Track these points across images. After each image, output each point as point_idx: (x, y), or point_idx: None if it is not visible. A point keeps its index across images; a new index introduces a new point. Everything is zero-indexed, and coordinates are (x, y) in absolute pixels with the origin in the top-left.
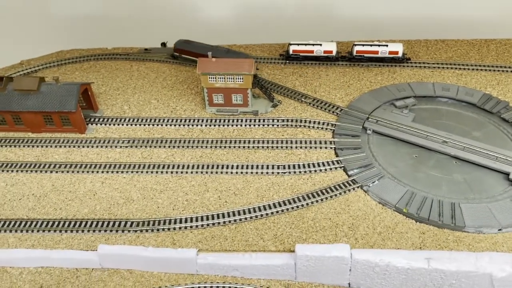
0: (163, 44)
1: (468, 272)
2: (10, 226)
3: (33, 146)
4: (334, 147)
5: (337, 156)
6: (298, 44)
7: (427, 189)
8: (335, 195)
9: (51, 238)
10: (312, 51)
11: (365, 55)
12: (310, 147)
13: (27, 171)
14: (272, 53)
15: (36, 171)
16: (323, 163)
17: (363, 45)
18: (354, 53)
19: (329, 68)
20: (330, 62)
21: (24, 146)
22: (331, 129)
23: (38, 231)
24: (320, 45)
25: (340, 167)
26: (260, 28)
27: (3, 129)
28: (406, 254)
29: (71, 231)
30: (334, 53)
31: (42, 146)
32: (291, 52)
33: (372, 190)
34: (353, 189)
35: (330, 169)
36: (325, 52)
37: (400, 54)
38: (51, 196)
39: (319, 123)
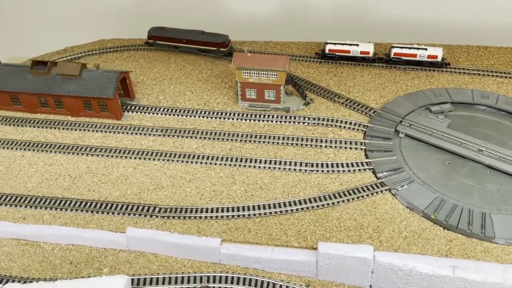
0: None
1: (494, 283)
2: (46, 204)
3: (71, 129)
4: (365, 149)
5: (366, 157)
6: (334, 44)
7: (457, 197)
8: (362, 196)
9: (83, 217)
10: (348, 51)
11: (403, 57)
12: (340, 147)
13: (64, 152)
14: (308, 51)
15: (73, 153)
16: (352, 164)
17: (401, 47)
18: (392, 55)
19: (364, 69)
20: (366, 63)
21: (63, 128)
22: (362, 130)
23: (71, 210)
24: (357, 45)
25: (369, 169)
26: (297, 26)
27: (45, 111)
28: (431, 260)
29: (102, 212)
30: (371, 54)
31: (80, 130)
32: (327, 51)
33: (400, 194)
34: (381, 191)
35: (359, 170)
36: (361, 52)
37: (439, 59)
38: (86, 178)
39: (350, 123)
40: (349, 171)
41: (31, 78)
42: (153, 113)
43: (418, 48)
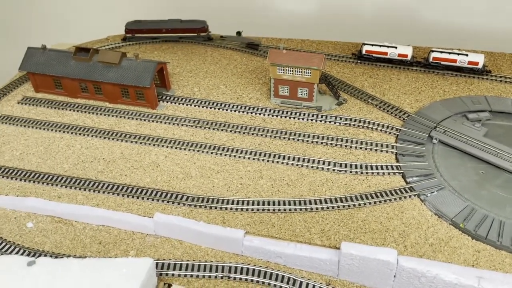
0: (238, 33)
1: None
2: (80, 185)
3: (108, 115)
4: (396, 152)
5: (397, 161)
6: (372, 45)
7: (489, 207)
8: (390, 200)
9: (114, 200)
10: (386, 53)
11: (442, 62)
12: (371, 149)
13: (100, 137)
14: (344, 51)
15: (108, 138)
16: (381, 167)
17: (441, 52)
18: (431, 60)
19: (401, 72)
20: (404, 66)
21: (101, 114)
22: (395, 134)
23: (103, 192)
24: (395, 47)
25: (399, 173)
26: (335, 25)
27: (85, 96)
28: (456, 269)
29: (132, 196)
30: (409, 57)
31: (116, 116)
32: (363, 52)
33: (429, 200)
34: (410, 196)
35: (388, 173)
36: (399, 55)
37: (480, 66)
38: (119, 163)
39: (383, 126)
40: (378, 173)
41: (73, 64)
42: (187, 104)
43: (458, 54)
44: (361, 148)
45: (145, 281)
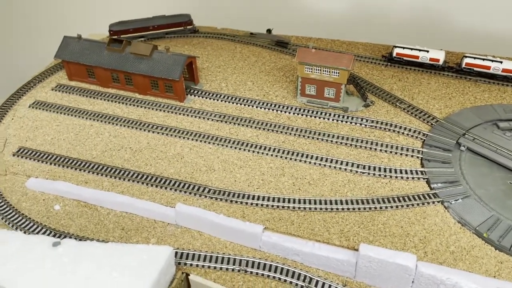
0: (269, 31)
1: None
2: (106, 171)
3: (137, 106)
4: (421, 157)
5: (422, 166)
6: (403, 48)
7: None
8: (412, 205)
9: (138, 188)
10: (417, 57)
11: (475, 69)
12: (396, 153)
13: (128, 126)
14: (374, 53)
15: (136, 128)
16: (406, 171)
17: (474, 58)
18: (463, 65)
19: (432, 77)
20: (435, 70)
21: (130, 104)
22: (421, 139)
23: (128, 180)
24: (427, 51)
25: (424, 178)
26: (366, 26)
27: (116, 86)
28: (477, 278)
29: (156, 186)
30: (440, 62)
31: (144, 107)
32: (394, 55)
33: (453, 208)
34: (433, 202)
35: (412, 178)
36: (431, 59)
37: None
38: (145, 152)
39: (410, 130)
40: (402, 177)
41: (106, 54)
42: (213, 99)
43: (492, 61)
44: (386, 151)
45: (164, 269)
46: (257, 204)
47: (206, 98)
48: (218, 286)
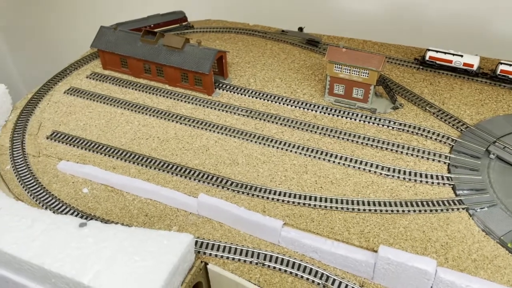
0: (300, 29)
1: None
2: (134, 159)
3: (167, 97)
4: (448, 163)
5: (449, 172)
6: (436, 51)
7: None
8: (436, 210)
9: (163, 177)
10: (450, 61)
11: (511, 76)
12: (422, 157)
13: (157, 116)
14: (406, 56)
15: (164, 119)
16: (431, 176)
17: (510, 65)
18: (498, 72)
19: (464, 82)
20: (468, 76)
21: (160, 95)
22: (450, 144)
23: (154, 168)
24: (461, 56)
25: (449, 184)
26: (400, 28)
27: (147, 77)
28: None
29: (180, 175)
30: (474, 68)
31: (173, 99)
32: (427, 58)
33: (478, 216)
34: (457, 209)
35: (438, 183)
36: (464, 64)
37: None
38: (172, 143)
39: (438, 135)
40: (427, 182)
41: (140, 45)
42: (241, 94)
43: None
44: (412, 154)
45: (183, 255)
46: (278, 200)
47: (234, 92)
48: (236, 277)
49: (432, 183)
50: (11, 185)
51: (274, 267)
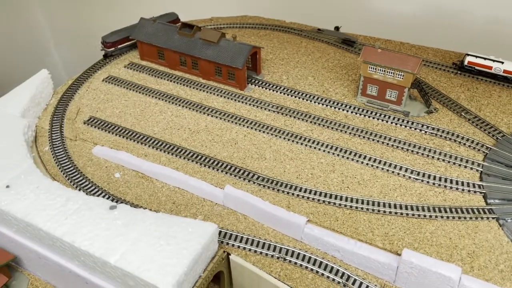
0: (336, 28)
1: None
2: (165, 148)
3: (200, 90)
4: (481, 171)
5: (481, 180)
6: (476, 57)
7: None
8: (465, 217)
9: (192, 167)
10: (490, 67)
11: None
12: (454, 163)
13: (189, 108)
14: (444, 60)
15: (196, 110)
16: (462, 183)
17: None
18: None
19: (504, 90)
20: (508, 83)
21: (193, 88)
22: (484, 152)
23: (184, 158)
24: (502, 63)
25: (480, 193)
26: (438, 31)
27: (182, 69)
28: None
29: (209, 167)
30: None
31: (206, 92)
32: (465, 63)
33: (508, 226)
34: (487, 218)
35: (469, 191)
36: (505, 71)
37: None
38: (202, 134)
39: (472, 141)
40: (457, 189)
41: (177, 38)
42: (273, 90)
43: None
44: (443, 160)
45: (207, 243)
46: (303, 196)
47: (266, 88)
48: (257, 269)
49: (463, 190)
50: (48, 165)
51: (295, 263)
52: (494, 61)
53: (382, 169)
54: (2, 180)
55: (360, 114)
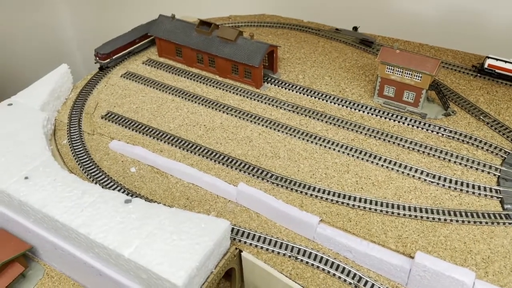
0: (355, 28)
1: None
2: (180, 144)
3: (216, 87)
4: (498, 175)
5: (498, 185)
6: (496, 59)
7: None
8: (480, 222)
9: (206, 164)
10: (511, 70)
11: None
12: (471, 167)
13: (205, 105)
14: (464, 62)
15: (212, 108)
16: (479, 187)
17: None
18: None
19: None
20: None
21: (210, 85)
22: (502, 156)
23: (199, 155)
24: None
25: (497, 197)
26: (459, 34)
27: (199, 67)
28: None
29: (223, 164)
30: None
31: (223, 90)
32: (486, 66)
33: None
34: (503, 223)
35: (485, 195)
36: None
37: None
38: (217, 132)
39: (490, 145)
40: (473, 193)
41: (195, 36)
42: (289, 89)
43: None
44: (460, 163)
45: (219, 240)
46: (316, 196)
47: (282, 87)
48: (268, 267)
49: (479, 194)
50: (66, 158)
51: (307, 262)
52: None
53: (397, 171)
54: (21, 172)
55: (376, 115)
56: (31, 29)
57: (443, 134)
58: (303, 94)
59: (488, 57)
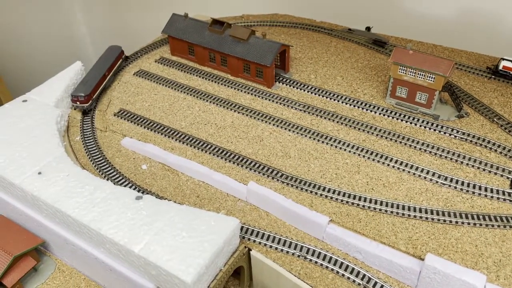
0: (368, 28)
1: None
2: (191, 142)
3: (228, 86)
4: None
5: (511, 188)
6: (511, 61)
7: None
8: (492, 225)
9: (216, 162)
10: None
11: None
12: (484, 170)
13: (217, 104)
14: (478, 64)
15: (223, 107)
16: (491, 190)
17: None
18: None
19: None
20: None
21: (221, 84)
22: None
23: (209, 153)
24: None
25: (510, 201)
26: (473, 35)
27: (211, 65)
28: None
29: (233, 162)
30: None
31: (234, 89)
32: (500, 68)
33: None
34: None
35: (498, 198)
36: None
37: None
38: (228, 130)
39: (504, 148)
40: (485, 196)
41: (207, 34)
42: (300, 89)
43: None
44: (473, 166)
45: (229, 238)
46: (326, 196)
47: (294, 87)
48: (277, 266)
49: (492, 197)
50: (78, 155)
51: (316, 262)
52: None
53: (409, 172)
54: (35, 167)
55: (388, 116)
56: (46, 26)
57: (455, 136)
58: (315, 94)
59: (503, 59)
